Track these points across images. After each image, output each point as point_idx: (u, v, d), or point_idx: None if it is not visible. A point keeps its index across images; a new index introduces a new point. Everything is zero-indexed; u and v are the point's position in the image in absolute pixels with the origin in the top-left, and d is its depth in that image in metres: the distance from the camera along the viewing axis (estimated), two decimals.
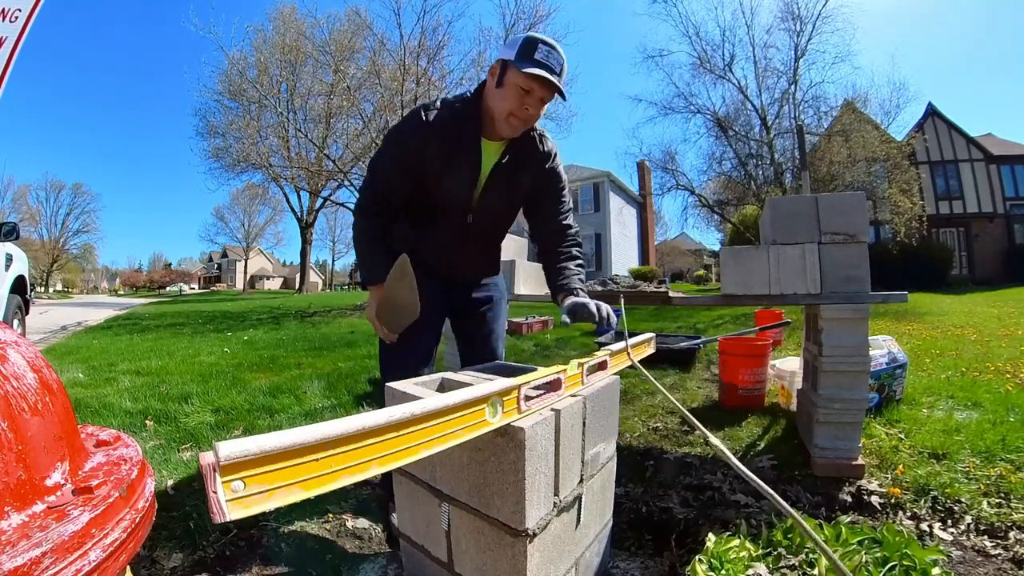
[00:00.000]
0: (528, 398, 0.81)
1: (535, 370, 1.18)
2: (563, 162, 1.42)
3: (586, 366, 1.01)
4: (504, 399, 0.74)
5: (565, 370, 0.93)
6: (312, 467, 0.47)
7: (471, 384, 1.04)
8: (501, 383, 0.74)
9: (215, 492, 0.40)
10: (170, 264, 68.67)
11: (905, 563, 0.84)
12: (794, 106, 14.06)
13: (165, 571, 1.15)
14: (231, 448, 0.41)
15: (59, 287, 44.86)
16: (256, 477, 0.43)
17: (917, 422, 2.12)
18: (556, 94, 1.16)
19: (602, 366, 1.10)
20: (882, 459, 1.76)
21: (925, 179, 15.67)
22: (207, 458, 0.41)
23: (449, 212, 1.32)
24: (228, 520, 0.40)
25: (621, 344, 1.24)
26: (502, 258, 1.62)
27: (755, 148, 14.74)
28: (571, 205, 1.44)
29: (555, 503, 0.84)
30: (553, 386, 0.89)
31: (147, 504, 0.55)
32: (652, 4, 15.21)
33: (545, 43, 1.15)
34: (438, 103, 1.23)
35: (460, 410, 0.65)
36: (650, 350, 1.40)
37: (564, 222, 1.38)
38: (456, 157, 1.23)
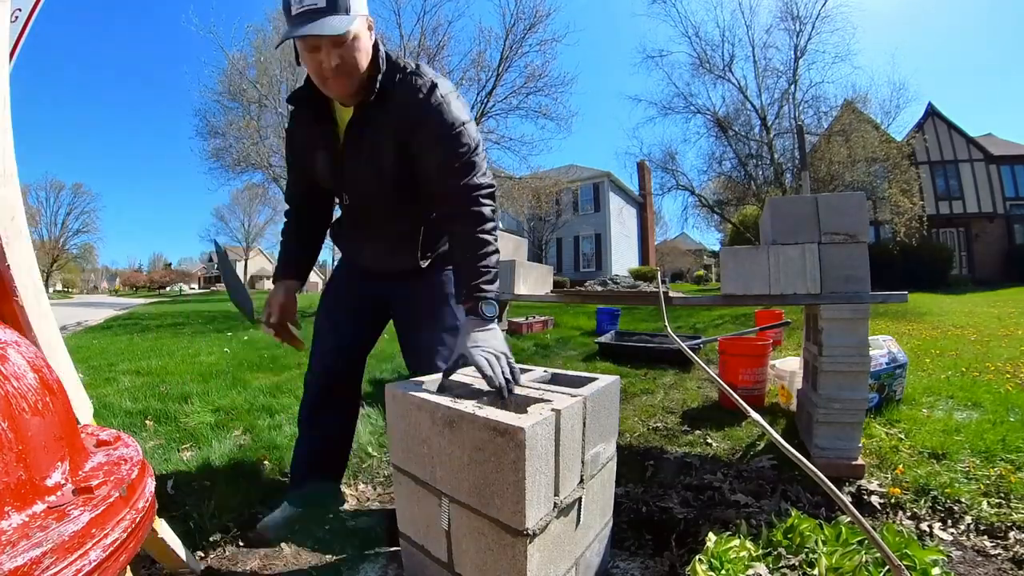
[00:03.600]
0: None
1: (531, 370, 1.19)
2: (456, 99, 1.05)
3: None
4: None
5: None
6: None
7: (470, 384, 1.04)
8: None
9: None
10: (170, 264, 68.65)
11: (905, 563, 0.84)
12: (794, 106, 14.05)
13: (165, 571, 1.15)
14: None
15: (59, 287, 44.84)
16: None
17: (917, 422, 2.12)
18: (333, 35, 0.92)
19: None
20: (882, 459, 1.76)
21: (925, 179, 15.67)
22: None
23: (330, 195, 1.32)
24: None
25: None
26: (502, 258, 1.56)
27: (755, 148, 14.73)
28: (473, 157, 1.06)
29: (555, 503, 0.84)
30: None
31: (147, 504, 0.55)
32: (652, 4, 15.23)
33: None
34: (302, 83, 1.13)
35: None
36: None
37: (462, 182, 1.04)
38: (313, 132, 1.17)
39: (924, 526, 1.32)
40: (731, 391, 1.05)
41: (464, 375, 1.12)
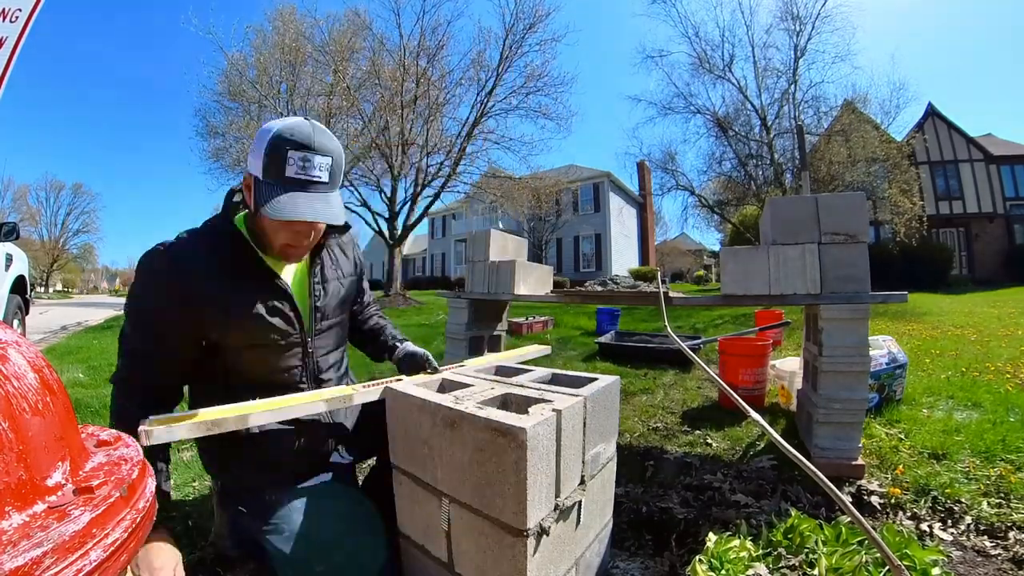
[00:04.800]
0: None
1: (532, 371, 1.19)
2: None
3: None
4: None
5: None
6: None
7: (471, 384, 1.04)
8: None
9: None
10: None
11: (905, 563, 0.84)
12: (794, 106, 14.06)
13: None
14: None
15: (59, 287, 44.86)
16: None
17: (917, 422, 2.12)
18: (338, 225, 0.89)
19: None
20: (882, 459, 1.76)
21: (925, 179, 15.68)
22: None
23: (278, 355, 1.01)
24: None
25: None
26: (502, 258, 1.53)
27: (755, 148, 14.74)
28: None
29: (556, 503, 0.84)
30: None
31: (148, 504, 0.55)
32: (652, 4, 15.24)
33: (298, 145, 0.82)
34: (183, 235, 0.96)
35: None
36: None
37: (369, 300, 1.36)
38: (246, 285, 0.95)
39: (924, 526, 1.32)
40: (731, 391, 1.05)
41: (465, 376, 1.12)
